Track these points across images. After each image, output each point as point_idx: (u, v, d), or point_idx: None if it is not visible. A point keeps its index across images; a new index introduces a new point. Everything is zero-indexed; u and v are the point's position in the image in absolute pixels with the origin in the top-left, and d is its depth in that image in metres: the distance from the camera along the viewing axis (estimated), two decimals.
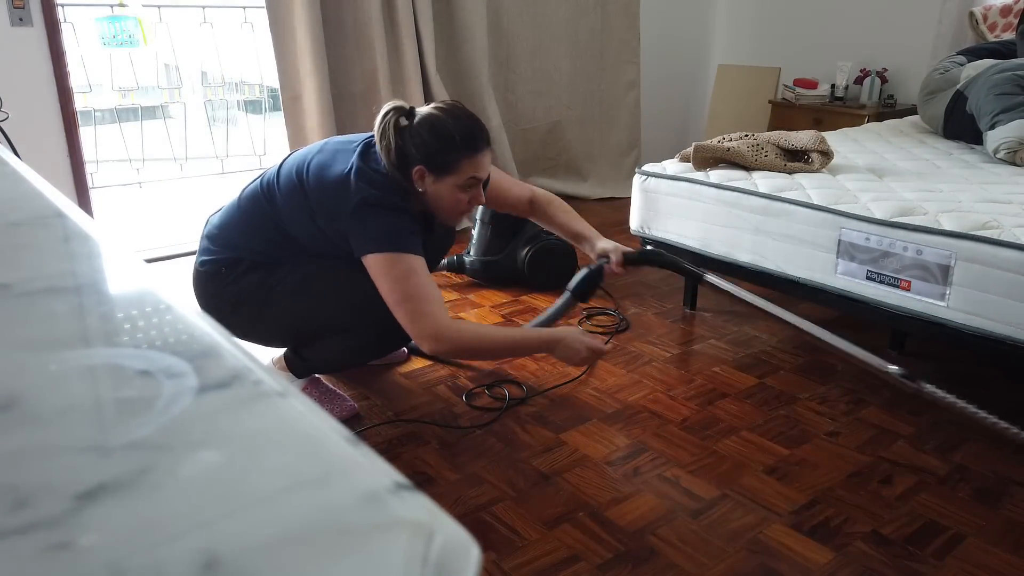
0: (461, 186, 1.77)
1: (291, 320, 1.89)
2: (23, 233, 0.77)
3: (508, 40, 3.92)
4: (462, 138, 1.74)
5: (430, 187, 1.76)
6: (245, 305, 1.86)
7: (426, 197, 1.78)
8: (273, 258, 1.86)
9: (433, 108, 1.78)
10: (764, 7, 4.49)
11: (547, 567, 1.48)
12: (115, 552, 0.32)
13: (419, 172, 1.74)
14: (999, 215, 1.90)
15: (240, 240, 1.88)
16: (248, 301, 1.85)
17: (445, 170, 1.74)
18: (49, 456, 0.40)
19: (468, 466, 1.80)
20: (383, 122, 1.75)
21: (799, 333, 1.90)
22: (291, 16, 3.12)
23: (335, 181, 1.74)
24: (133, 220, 3.94)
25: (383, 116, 1.76)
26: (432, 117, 1.75)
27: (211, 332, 0.54)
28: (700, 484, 1.73)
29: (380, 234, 1.71)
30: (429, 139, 1.72)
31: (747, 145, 2.43)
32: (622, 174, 4.38)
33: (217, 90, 4.68)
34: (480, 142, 1.76)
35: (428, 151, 1.72)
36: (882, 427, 1.97)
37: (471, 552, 0.33)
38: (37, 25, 2.79)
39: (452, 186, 1.76)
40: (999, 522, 1.61)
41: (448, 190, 1.77)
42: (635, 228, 2.61)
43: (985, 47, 3.21)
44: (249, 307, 1.86)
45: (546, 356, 2.35)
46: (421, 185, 1.76)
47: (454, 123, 1.74)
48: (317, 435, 0.41)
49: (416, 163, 1.73)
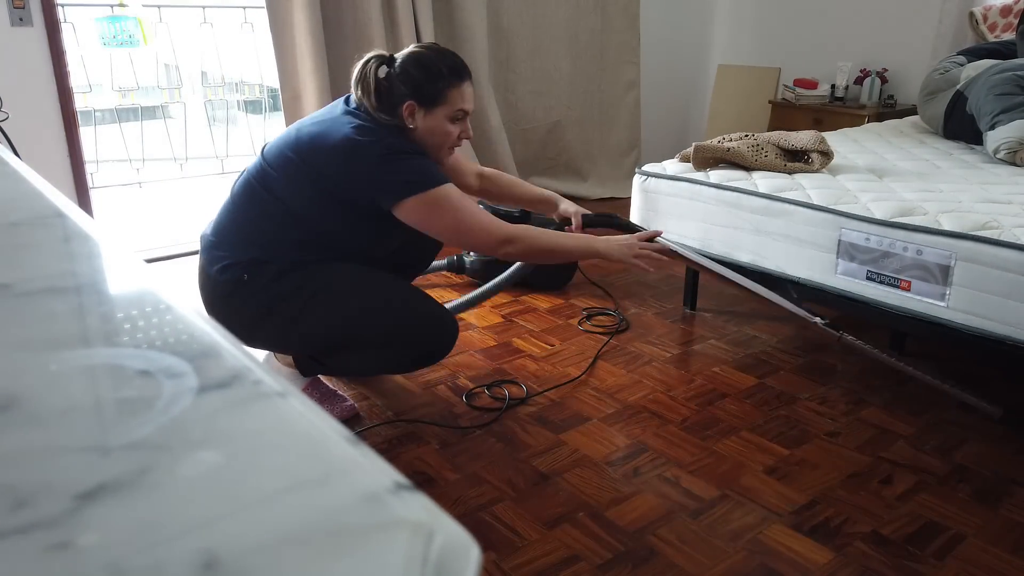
0: (450, 117, 1.81)
1: (329, 330, 1.82)
2: (23, 233, 0.77)
3: (508, 40, 3.92)
4: (448, 69, 1.79)
5: (420, 122, 1.79)
6: (277, 312, 1.78)
7: (417, 134, 1.80)
8: (292, 247, 1.79)
9: (414, 47, 1.84)
10: (764, 7, 4.49)
11: (547, 567, 1.48)
12: (115, 552, 0.32)
13: (409, 108, 1.77)
14: (999, 215, 1.90)
15: (253, 234, 1.80)
16: (282, 307, 1.78)
17: (434, 101, 1.78)
18: (49, 456, 0.40)
19: (468, 466, 1.80)
20: (364, 68, 1.78)
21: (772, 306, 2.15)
22: (291, 16, 3.12)
23: (341, 144, 1.72)
24: (133, 220, 3.94)
25: (364, 63, 1.79)
26: (416, 54, 1.80)
27: (211, 332, 0.54)
28: (700, 484, 1.73)
29: (413, 177, 1.73)
30: (416, 73, 1.77)
31: (747, 145, 2.43)
32: (622, 174, 4.38)
33: (217, 90, 4.68)
34: (464, 72, 1.82)
35: (416, 84, 1.76)
36: (882, 427, 1.97)
37: (471, 552, 0.33)
38: (37, 25, 2.79)
39: (442, 118, 1.80)
40: (999, 522, 1.61)
41: (438, 122, 1.80)
42: None
43: (985, 47, 3.21)
44: (283, 314, 1.78)
45: (547, 356, 2.35)
46: (411, 121, 1.78)
47: (438, 56, 1.81)
48: (317, 435, 0.41)
49: (405, 99, 1.76)
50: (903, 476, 1.76)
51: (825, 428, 1.96)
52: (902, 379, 2.21)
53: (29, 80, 2.81)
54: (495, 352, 2.39)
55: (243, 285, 1.78)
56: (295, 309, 1.78)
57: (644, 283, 2.96)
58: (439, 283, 2.94)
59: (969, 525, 1.59)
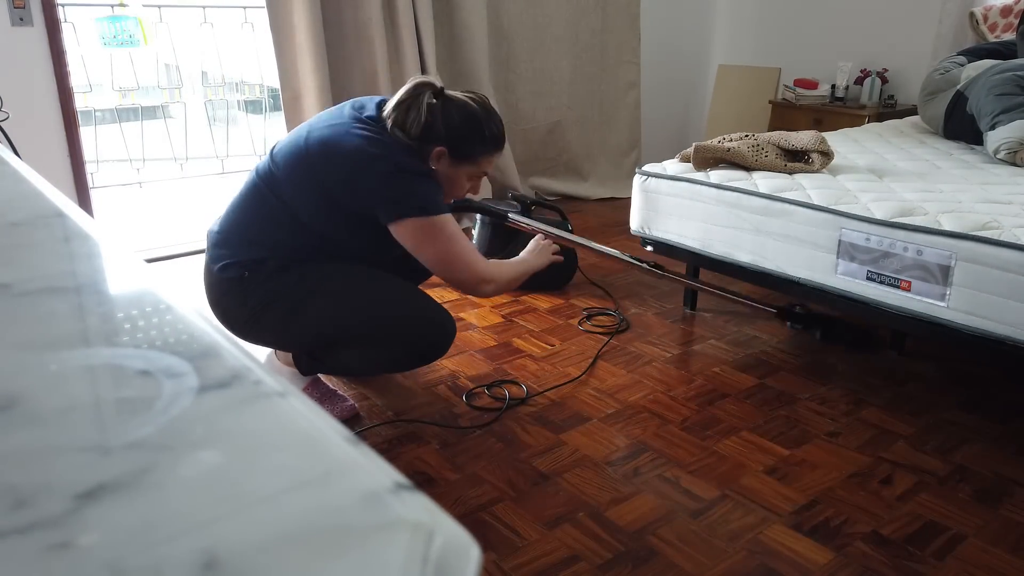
0: (471, 175, 1.85)
1: (328, 324, 1.83)
2: (23, 233, 0.77)
3: (508, 40, 3.92)
4: (491, 136, 1.81)
5: (444, 169, 1.80)
6: (278, 306, 1.79)
7: (435, 175, 1.81)
8: (294, 250, 1.80)
9: (466, 97, 1.82)
10: (764, 7, 4.49)
11: (547, 567, 1.48)
12: (115, 552, 0.32)
13: (439, 153, 1.77)
14: (999, 215, 1.90)
15: (256, 235, 1.81)
16: (280, 301, 1.79)
17: (466, 160, 1.81)
18: (49, 456, 0.40)
19: (468, 466, 1.80)
20: (416, 93, 1.76)
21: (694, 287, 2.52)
22: (291, 16, 3.12)
23: (351, 152, 1.71)
24: (133, 220, 3.94)
25: (415, 88, 1.77)
26: (468, 107, 1.79)
27: (211, 332, 0.54)
28: (700, 484, 1.73)
29: (416, 201, 1.73)
30: (461, 127, 1.77)
31: (747, 145, 2.43)
32: (622, 174, 4.39)
33: (217, 90, 4.68)
34: (503, 142, 1.85)
35: (456, 137, 1.77)
36: (882, 427, 1.96)
37: (471, 552, 0.33)
38: (37, 25, 2.79)
39: (464, 175, 1.84)
40: (999, 522, 1.60)
41: (459, 177, 1.83)
42: (635, 228, 2.61)
43: (985, 47, 3.21)
44: (282, 308, 1.79)
45: (548, 356, 2.36)
46: (436, 164, 1.79)
47: (487, 119, 1.81)
48: (317, 435, 0.41)
49: (439, 143, 1.76)
50: (903, 476, 1.76)
51: (825, 428, 1.96)
52: (902, 379, 2.21)
53: (29, 80, 2.81)
54: (495, 352, 2.39)
55: (243, 282, 1.80)
56: (295, 302, 1.79)
57: (644, 283, 2.96)
58: (439, 283, 2.94)
59: (969, 525, 1.59)
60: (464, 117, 1.78)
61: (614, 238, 3.43)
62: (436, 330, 1.89)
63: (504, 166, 3.85)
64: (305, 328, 1.83)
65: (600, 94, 4.29)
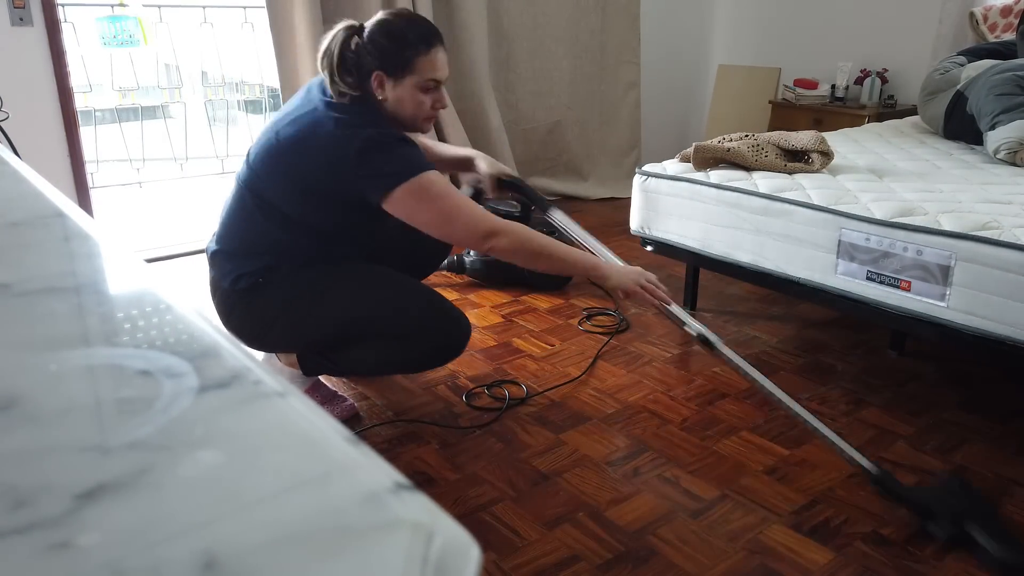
0: (420, 87, 1.75)
1: (347, 318, 1.81)
2: (23, 233, 0.77)
3: (508, 40, 3.92)
4: (416, 36, 1.73)
5: (390, 93, 1.74)
6: (296, 304, 1.79)
7: (388, 105, 1.76)
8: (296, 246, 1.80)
9: (382, 15, 1.77)
10: (764, 7, 4.49)
11: (547, 567, 1.48)
12: (115, 552, 0.32)
13: (377, 78, 1.73)
14: (999, 215, 1.90)
15: (257, 242, 1.81)
16: (303, 296, 1.78)
17: (402, 70, 1.72)
18: (49, 456, 0.40)
19: (468, 466, 1.80)
20: (332, 39, 1.74)
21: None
22: (291, 16, 3.12)
23: (321, 144, 1.70)
24: (133, 220, 3.94)
25: (332, 35, 1.74)
26: (383, 21, 1.75)
27: (211, 332, 0.54)
28: (700, 484, 1.73)
29: (395, 167, 1.69)
30: (382, 41, 1.72)
31: (747, 145, 2.43)
32: (622, 174, 4.38)
33: (217, 90, 4.68)
34: (434, 38, 1.76)
35: (383, 53, 1.71)
36: (882, 427, 1.96)
37: (471, 552, 0.33)
38: (37, 25, 2.79)
39: (411, 87, 1.74)
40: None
41: (408, 92, 1.75)
42: (635, 228, 2.61)
43: (985, 47, 3.21)
44: (302, 306, 1.79)
45: (547, 356, 2.35)
46: (381, 93, 1.74)
47: (406, 23, 1.75)
48: (317, 435, 0.41)
49: (373, 70, 1.72)
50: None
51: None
52: (902, 379, 2.21)
53: (29, 80, 2.81)
54: (495, 352, 2.39)
55: (261, 288, 1.80)
56: (317, 294, 1.79)
57: None
58: (439, 283, 2.94)
59: None
60: (381, 31, 1.72)
61: (614, 238, 3.43)
62: (457, 327, 1.87)
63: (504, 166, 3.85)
64: (326, 320, 1.81)
65: (600, 94, 4.29)
